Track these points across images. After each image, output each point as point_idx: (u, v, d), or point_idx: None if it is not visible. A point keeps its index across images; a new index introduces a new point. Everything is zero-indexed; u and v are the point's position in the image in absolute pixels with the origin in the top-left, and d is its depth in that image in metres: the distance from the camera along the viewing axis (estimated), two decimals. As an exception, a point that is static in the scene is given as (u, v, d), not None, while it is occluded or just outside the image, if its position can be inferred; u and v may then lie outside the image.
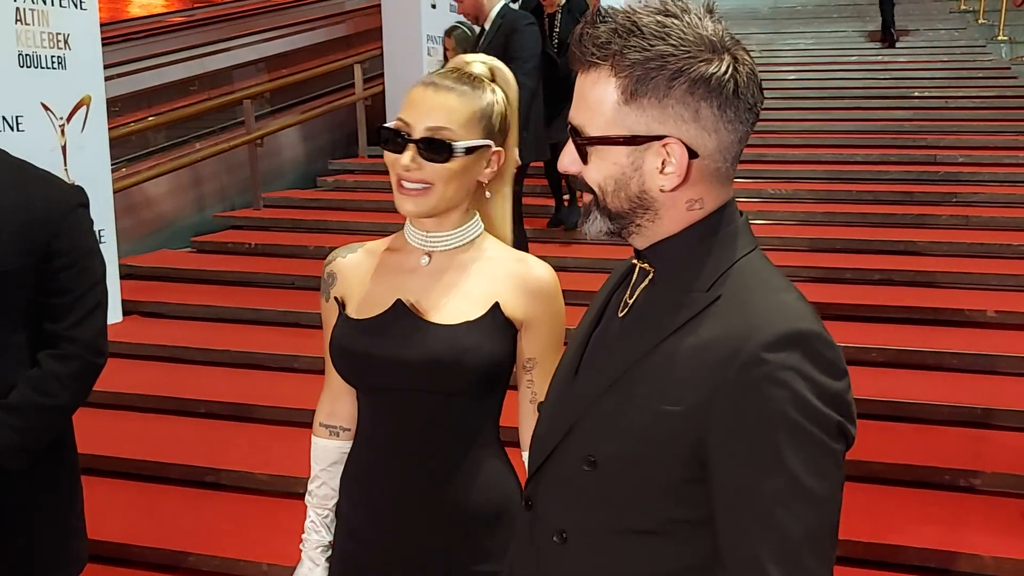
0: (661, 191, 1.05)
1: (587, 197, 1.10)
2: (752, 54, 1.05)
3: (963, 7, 12.46)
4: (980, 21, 11.49)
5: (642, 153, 1.04)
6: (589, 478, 1.06)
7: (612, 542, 1.06)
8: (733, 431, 0.97)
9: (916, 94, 8.59)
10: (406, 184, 1.41)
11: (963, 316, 4.48)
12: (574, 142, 1.07)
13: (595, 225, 1.09)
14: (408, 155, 1.40)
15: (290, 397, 4.03)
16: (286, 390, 4.13)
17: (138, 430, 3.94)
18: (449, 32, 5.29)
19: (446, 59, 5.42)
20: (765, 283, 1.04)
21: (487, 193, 1.51)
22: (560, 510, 1.11)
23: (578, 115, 1.06)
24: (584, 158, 1.07)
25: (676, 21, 1.01)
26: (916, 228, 5.74)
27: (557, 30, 5.88)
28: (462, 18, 5.32)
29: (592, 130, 1.05)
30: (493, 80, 1.48)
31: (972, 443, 3.48)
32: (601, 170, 1.06)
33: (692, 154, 1.02)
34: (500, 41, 4.54)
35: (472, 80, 1.44)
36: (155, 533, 3.19)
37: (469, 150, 1.42)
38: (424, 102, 1.41)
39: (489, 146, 1.45)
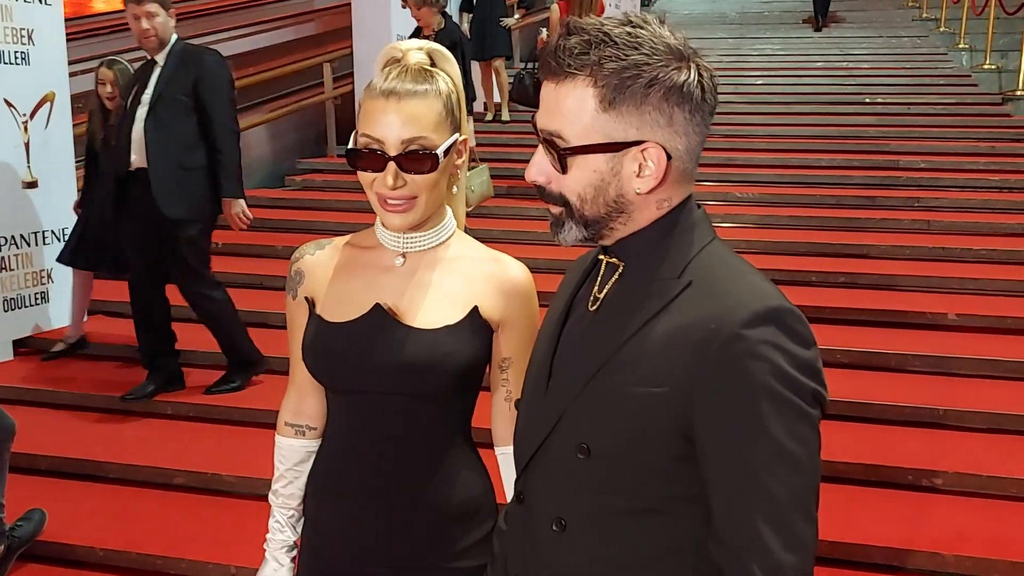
0: (637, 193, 1.10)
1: (556, 209, 1.13)
2: (721, 59, 1.09)
3: (925, 15, 12.67)
4: (941, 29, 11.68)
5: (620, 159, 1.08)
6: (583, 465, 1.11)
7: (612, 523, 1.11)
8: (718, 404, 1.03)
9: (879, 100, 8.72)
10: (390, 201, 1.38)
11: (925, 319, 4.56)
12: (556, 152, 1.10)
13: (571, 234, 1.13)
14: (391, 174, 1.35)
15: (258, 398, 4.01)
16: (254, 391, 4.10)
17: (104, 431, 3.90)
18: (110, 64, 4.47)
19: (99, 97, 4.49)
20: (731, 267, 1.11)
21: (454, 188, 1.48)
22: (556, 499, 1.15)
23: (552, 123, 1.09)
24: (564, 168, 1.10)
25: (644, 31, 1.06)
26: (879, 232, 5.83)
27: None
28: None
29: (571, 138, 1.08)
30: (433, 64, 1.42)
31: (934, 444, 3.54)
32: (580, 179, 1.10)
33: (667, 156, 1.08)
34: (187, 78, 3.81)
35: (424, 76, 1.38)
36: (121, 536, 3.15)
37: (447, 151, 1.39)
38: (390, 113, 1.35)
39: (458, 139, 1.42)
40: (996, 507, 3.19)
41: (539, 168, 1.13)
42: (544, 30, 7.73)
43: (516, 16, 8.94)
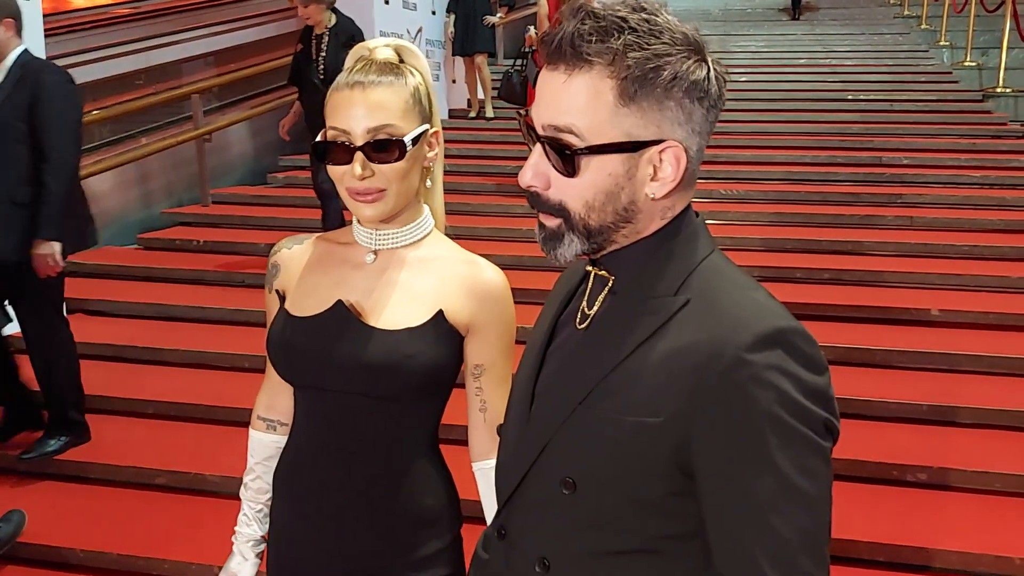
0: (651, 199, 0.99)
1: (552, 220, 1.02)
2: (721, 62, 1.03)
3: (906, 12, 12.73)
4: (923, 26, 11.74)
5: (637, 160, 0.98)
6: (568, 501, 1.01)
7: (599, 565, 1.01)
8: (720, 436, 0.93)
9: (862, 97, 8.76)
10: (359, 193, 1.36)
11: (909, 315, 4.58)
12: (567, 152, 0.98)
13: (570, 248, 1.02)
14: (358, 164, 1.33)
15: (240, 397, 3.96)
16: (236, 390, 4.06)
17: (84, 431, 3.84)
18: None
19: None
20: (733, 283, 1.01)
21: (428, 182, 1.45)
22: (540, 537, 1.06)
23: (561, 119, 0.97)
24: (574, 170, 0.98)
25: (660, 19, 0.97)
26: (863, 228, 5.85)
27: (324, 54, 5.24)
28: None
29: (586, 135, 0.96)
30: (402, 61, 1.42)
31: (919, 439, 3.55)
32: (592, 184, 0.98)
33: (686, 157, 0.99)
34: (23, 100, 3.34)
35: (391, 68, 1.38)
36: (103, 537, 3.12)
37: (415, 140, 1.37)
38: (356, 104, 1.33)
39: (427, 130, 1.40)
40: (981, 501, 3.20)
41: (536, 171, 1.00)
42: (532, 27, 7.70)
43: (499, 14, 8.93)
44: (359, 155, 1.33)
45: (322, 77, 5.19)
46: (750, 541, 0.93)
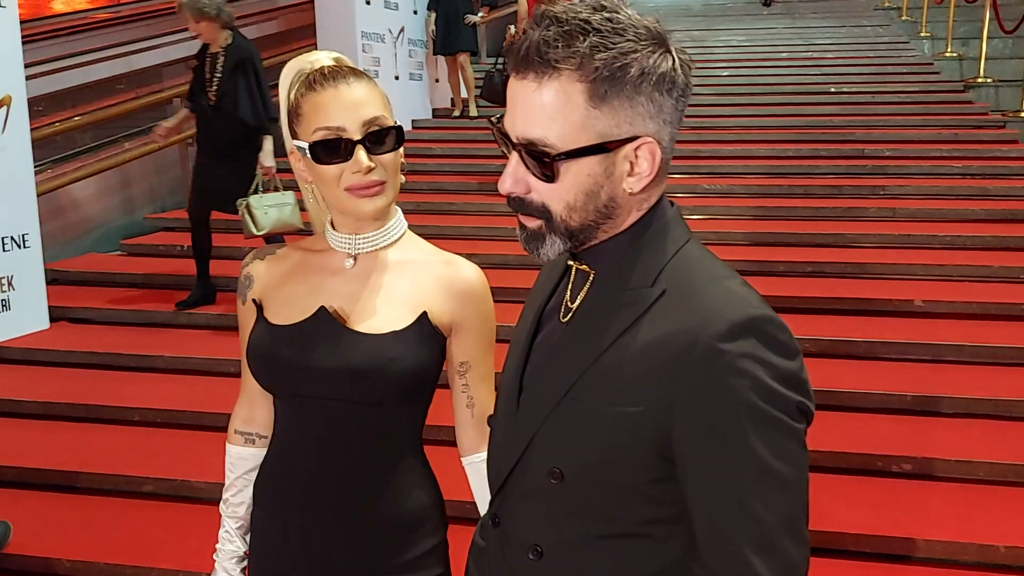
0: (629, 194, 1.02)
1: (533, 222, 1.04)
2: (686, 50, 1.05)
3: (887, 4, 12.78)
4: (903, 18, 11.79)
5: (614, 158, 0.99)
6: (557, 491, 1.05)
7: (589, 551, 1.05)
8: (698, 425, 0.96)
9: (844, 89, 8.78)
10: (363, 188, 1.35)
11: (892, 306, 4.61)
12: (548, 159, 0.99)
13: (553, 248, 1.04)
14: (363, 155, 1.32)
15: (227, 403, 3.92)
16: (222, 395, 4.03)
17: (70, 440, 3.83)
18: None
19: None
20: (708, 272, 1.03)
21: (402, 178, 1.45)
22: (531, 526, 1.09)
23: (535, 130, 0.99)
24: (553, 176, 1.00)
25: (621, 16, 0.98)
26: (845, 221, 5.88)
27: (219, 75, 4.82)
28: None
29: (560, 142, 0.98)
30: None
31: (903, 429, 3.57)
32: (573, 186, 1.00)
33: (660, 150, 1.01)
34: None
35: (351, 69, 1.39)
36: (90, 546, 3.10)
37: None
38: (345, 99, 1.34)
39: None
40: (965, 491, 3.23)
41: (516, 178, 1.02)
42: (512, 26, 7.70)
43: (480, 13, 8.92)
44: (360, 148, 1.33)
45: (213, 102, 4.80)
46: (732, 527, 0.96)
